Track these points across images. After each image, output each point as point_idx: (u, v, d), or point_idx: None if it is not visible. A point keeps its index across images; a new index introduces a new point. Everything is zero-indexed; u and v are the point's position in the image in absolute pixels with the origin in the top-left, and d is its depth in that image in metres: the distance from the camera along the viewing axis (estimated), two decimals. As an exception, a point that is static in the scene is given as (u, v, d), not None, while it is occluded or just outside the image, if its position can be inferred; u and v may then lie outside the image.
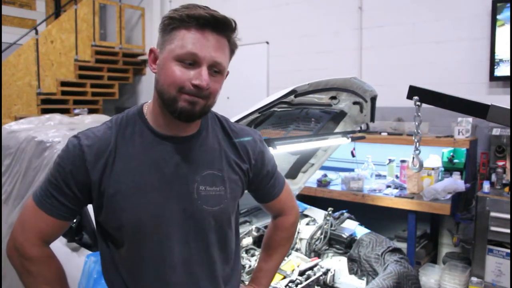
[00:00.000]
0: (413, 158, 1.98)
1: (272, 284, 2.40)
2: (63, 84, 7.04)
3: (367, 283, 2.74)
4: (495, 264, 3.85)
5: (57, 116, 4.23)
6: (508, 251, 3.75)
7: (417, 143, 2.00)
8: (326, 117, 2.86)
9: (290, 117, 2.60)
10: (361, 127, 3.06)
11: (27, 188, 3.16)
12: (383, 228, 5.08)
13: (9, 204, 3.34)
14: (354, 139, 2.95)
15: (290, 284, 2.45)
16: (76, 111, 6.86)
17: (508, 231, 3.69)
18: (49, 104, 6.84)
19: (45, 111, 6.55)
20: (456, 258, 4.37)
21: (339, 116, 2.90)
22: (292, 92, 2.08)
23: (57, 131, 3.43)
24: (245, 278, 2.56)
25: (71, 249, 2.68)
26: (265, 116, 2.29)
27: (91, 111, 7.11)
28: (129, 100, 8.37)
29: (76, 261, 2.54)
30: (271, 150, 2.20)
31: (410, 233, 3.96)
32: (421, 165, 1.99)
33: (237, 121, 1.97)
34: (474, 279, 3.87)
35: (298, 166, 3.26)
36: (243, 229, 2.89)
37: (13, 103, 6.43)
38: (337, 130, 3.02)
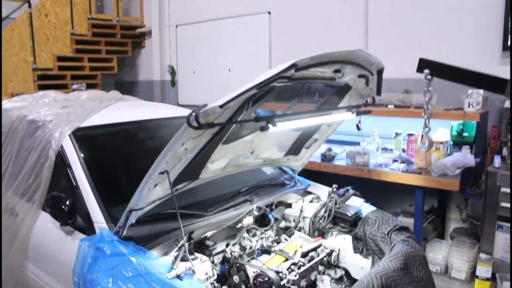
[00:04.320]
0: (422, 136, 1.84)
1: (273, 266, 2.30)
2: (60, 59, 6.87)
3: (373, 262, 2.64)
4: (504, 240, 3.75)
5: (51, 93, 4.08)
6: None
7: (427, 120, 1.86)
8: (329, 91, 2.70)
9: (291, 92, 2.44)
10: (366, 101, 2.90)
11: (20, 169, 3.05)
12: (389, 203, 4.98)
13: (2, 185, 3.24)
14: (359, 114, 2.79)
15: (292, 267, 2.34)
16: (74, 86, 6.71)
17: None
18: (46, 80, 6.68)
19: (42, 87, 6.40)
20: (464, 234, 4.27)
21: (344, 90, 2.74)
22: (293, 66, 1.92)
23: (49, 109, 3.30)
24: (246, 260, 2.46)
25: (65, 232, 2.59)
26: (263, 92, 2.14)
27: (89, 86, 6.96)
28: (128, 74, 8.19)
29: (70, 245, 2.45)
30: (271, 128, 2.07)
31: (417, 208, 3.84)
32: (430, 144, 1.85)
33: (234, 99, 1.83)
34: (482, 255, 3.77)
35: (301, 142, 3.13)
36: (243, 209, 2.78)
37: (9, 79, 6.28)
38: (341, 104, 2.86)
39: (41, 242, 2.79)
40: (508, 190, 3.60)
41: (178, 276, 2.02)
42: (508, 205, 3.62)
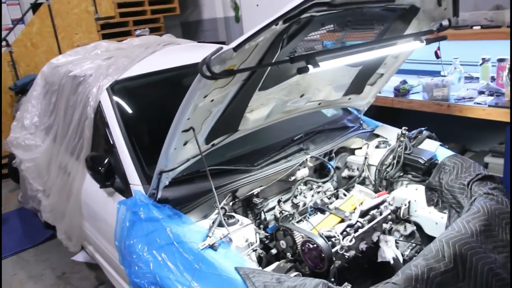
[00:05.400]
0: (510, 69, 1.35)
1: (325, 230, 2.00)
2: (121, 5, 6.71)
3: (449, 217, 2.25)
4: None
5: (103, 43, 3.92)
6: None
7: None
8: (391, 16, 2.22)
9: (337, 22, 2.01)
10: (441, 24, 2.37)
11: (68, 127, 2.96)
12: (473, 142, 4.42)
13: (56, 143, 3.20)
14: (430, 41, 2.30)
15: (348, 229, 2.03)
16: (137, 32, 6.58)
17: None
18: (109, 29, 6.61)
19: (106, 36, 6.35)
20: None
21: (409, 13, 2.24)
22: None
23: (92, 62, 3.14)
24: (298, 219, 2.18)
25: (107, 193, 2.48)
26: (299, 25, 1.74)
27: (153, 31, 6.79)
28: (192, 13, 7.89)
29: (112, 207, 2.32)
30: (311, 70, 1.70)
31: (508, 147, 3.27)
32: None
33: (251, 38, 1.47)
34: None
35: (363, 79, 2.70)
36: (296, 160, 2.47)
37: (74, 32, 6.27)
38: (408, 31, 2.37)
39: (90, 203, 2.73)
40: None
41: (212, 246, 1.79)
42: None
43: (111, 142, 2.45)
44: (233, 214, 2.07)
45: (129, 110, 2.64)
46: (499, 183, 2.32)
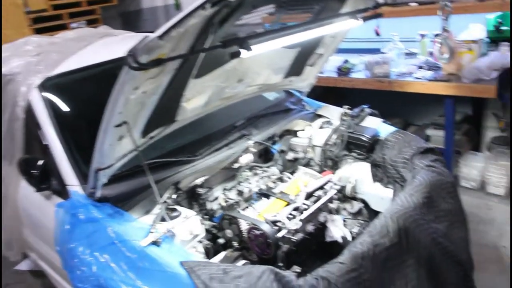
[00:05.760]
0: (441, 44, 1.35)
1: (270, 215, 1.98)
2: (53, -3, 6.36)
3: (395, 191, 2.28)
4: None
5: (34, 38, 3.67)
6: None
7: (445, 19, 1.36)
8: (324, -5, 2.21)
9: (271, 3, 1.97)
10: (376, 2, 2.38)
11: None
12: (415, 116, 4.53)
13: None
14: (366, 19, 2.30)
15: (294, 212, 2.01)
16: (74, 25, 6.29)
17: None
18: (42, 23, 6.23)
19: (40, 31, 6.01)
20: (503, 143, 3.78)
21: (343, -10, 2.23)
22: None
23: (20, 59, 2.95)
24: (244, 207, 2.15)
25: (44, 196, 2.35)
26: (230, 9, 1.69)
27: (90, 23, 6.51)
28: (132, 3, 7.63)
29: (49, 211, 2.20)
30: (244, 53, 1.65)
31: (448, 120, 3.37)
32: (452, 53, 1.36)
33: (180, 21, 1.41)
34: (524, 167, 3.34)
35: (302, 60, 2.68)
36: (239, 146, 2.43)
37: (3, 27, 5.90)
38: (344, 9, 2.37)
39: (28, 208, 2.59)
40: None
41: (155, 242, 1.73)
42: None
43: (45, 143, 2.32)
44: (175, 207, 2.00)
45: (63, 108, 2.50)
46: (440, 155, 2.38)
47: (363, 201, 2.45)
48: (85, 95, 2.68)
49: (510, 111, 3.53)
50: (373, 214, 2.42)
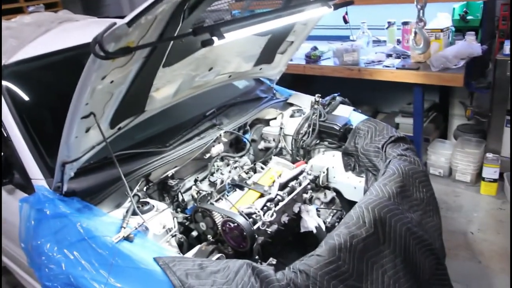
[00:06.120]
0: (415, 33, 1.33)
1: (245, 207, 1.94)
2: (7, -21, 6.03)
3: (367, 180, 2.28)
4: None
5: (-15, 23, 3.49)
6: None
7: (421, 11, 1.34)
8: (297, -18, 2.15)
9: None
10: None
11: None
12: (384, 104, 4.57)
13: None
14: (338, 7, 2.28)
15: (268, 204, 1.99)
16: (31, 8, 5.99)
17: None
18: (-4, 7, 5.93)
19: (-6, 15, 5.71)
20: (469, 131, 3.87)
21: (315, -22, 2.19)
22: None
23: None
24: (216, 198, 2.10)
25: (6, 191, 2.23)
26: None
27: (48, 7, 6.23)
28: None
29: (13, 206, 2.09)
30: (217, 42, 1.59)
31: (417, 108, 3.42)
32: (427, 43, 1.35)
33: (149, 8, 1.33)
34: (489, 155, 3.44)
35: (273, 47, 2.63)
36: (210, 136, 2.37)
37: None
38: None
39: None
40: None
41: (127, 237, 1.66)
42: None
43: (5, 135, 2.20)
44: (147, 200, 1.94)
45: (23, 97, 2.37)
46: (410, 143, 2.39)
47: (336, 190, 2.45)
48: (48, 84, 2.55)
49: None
50: (346, 203, 2.43)
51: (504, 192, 3.50)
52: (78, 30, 3.18)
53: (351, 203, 2.40)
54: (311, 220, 2.16)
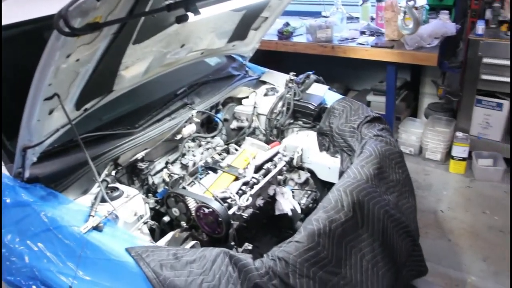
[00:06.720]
0: (405, 13, 1.27)
1: (219, 192, 1.87)
2: None
3: (342, 161, 2.24)
4: (483, 116, 3.50)
5: None
6: (500, 101, 3.29)
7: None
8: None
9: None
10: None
11: None
12: (355, 81, 4.54)
13: None
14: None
15: (243, 187, 1.92)
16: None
17: (503, 79, 3.17)
18: None
19: None
20: (439, 109, 3.90)
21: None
22: None
23: None
24: (188, 182, 2.03)
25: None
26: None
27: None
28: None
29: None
30: (192, 17, 1.49)
31: (390, 86, 3.41)
32: (416, 23, 1.29)
33: None
34: (459, 134, 3.48)
35: (247, 23, 2.54)
36: (181, 116, 2.28)
37: None
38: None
39: None
40: (491, 61, 3.17)
41: (97, 227, 1.57)
42: (491, 77, 3.20)
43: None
44: (117, 185, 1.84)
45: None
46: (386, 123, 2.36)
47: (310, 171, 2.41)
48: (5, 61, 2.37)
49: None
50: (320, 184, 2.40)
51: (472, 170, 3.55)
52: (37, 2, 2.98)
53: (325, 184, 2.38)
54: (286, 203, 2.12)
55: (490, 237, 2.91)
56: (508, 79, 3.21)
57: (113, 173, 1.95)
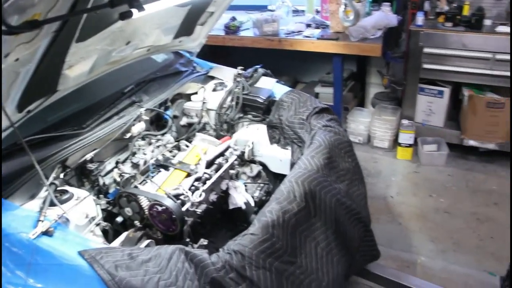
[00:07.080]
0: (345, 5, 1.31)
1: (171, 189, 1.86)
2: None
3: (293, 153, 2.28)
4: (426, 103, 3.66)
5: None
6: (441, 88, 3.45)
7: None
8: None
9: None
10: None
11: None
12: (303, 74, 4.61)
13: None
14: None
15: (196, 183, 1.92)
16: None
17: (443, 67, 3.32)
18: None
19: None
20: (385, 98, 4.03)
21: None
22: None
23: None
24: (140, 181, 2.00)
25: None
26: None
27: None
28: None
29: None
30: (136, 14, 1.47)
31: (337, 77, 3.48)
32: (357, 15, 1.33)
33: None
34: (404, 122, 3.62)
35: (193, 19, 2.52)
36: (129, 115, 2.24)
37: None
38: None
39: None
40: (431, 50, 3.32)
41: (47, 232, 1.52)
42: (432, 66, 3.35)
43: None
44: (66, 188, 1.79)
45: None
46: (334, 114, 2.42)
47: (261, 164, 2.43)
48: None
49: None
50: (272, 176, 2.43)
51: (418, 156, 3.70)
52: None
53: (278, 176, 2.41)
54: (240, 197, 2.14)
55: (437, 219, 3.05)
56: (448, 68, 3.37)
57: (62, 175, 1.89)
